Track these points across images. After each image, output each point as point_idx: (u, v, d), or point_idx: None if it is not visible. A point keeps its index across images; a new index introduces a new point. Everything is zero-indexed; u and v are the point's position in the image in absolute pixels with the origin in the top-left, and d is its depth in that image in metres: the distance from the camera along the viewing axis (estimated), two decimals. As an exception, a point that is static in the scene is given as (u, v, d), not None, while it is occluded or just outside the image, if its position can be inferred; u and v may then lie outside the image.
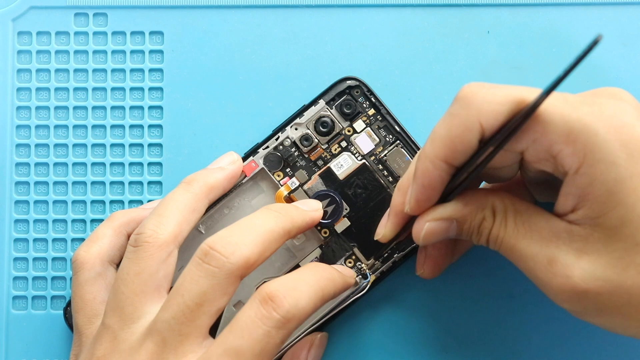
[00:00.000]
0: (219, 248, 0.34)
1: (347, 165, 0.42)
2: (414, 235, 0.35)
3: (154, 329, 0.34)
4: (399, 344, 0.42)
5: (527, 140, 0.32)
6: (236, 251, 0.34)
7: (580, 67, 0.42)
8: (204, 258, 0.34)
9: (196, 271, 0.33)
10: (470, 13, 0.43)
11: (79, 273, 0.39)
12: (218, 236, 0.34)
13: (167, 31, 0.44)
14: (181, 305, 0.33)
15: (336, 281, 0.36)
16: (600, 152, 0.30)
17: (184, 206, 0.38)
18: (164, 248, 0.36)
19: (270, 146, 0.42)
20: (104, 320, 0.35)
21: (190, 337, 0.33)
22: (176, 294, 0.34)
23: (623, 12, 0.43)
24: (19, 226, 0.44)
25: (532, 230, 0.33)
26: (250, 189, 0.42)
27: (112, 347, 0.34)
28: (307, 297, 0.34)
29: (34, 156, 0.44)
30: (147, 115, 0.44)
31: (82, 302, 0.38)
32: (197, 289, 0.33)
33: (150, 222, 0.37)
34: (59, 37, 0.44)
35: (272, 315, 0.32)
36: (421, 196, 0.34)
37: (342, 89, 0.42)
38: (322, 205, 0.40)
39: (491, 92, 0.32)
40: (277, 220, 0.36)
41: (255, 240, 0.34)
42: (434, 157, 0.33)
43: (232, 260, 0.33)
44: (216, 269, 0.33)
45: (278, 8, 0.44)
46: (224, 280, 0.33)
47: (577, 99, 0.32)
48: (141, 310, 0.35)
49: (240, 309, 0.41)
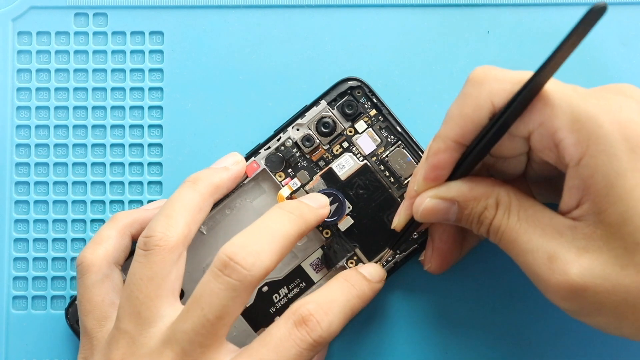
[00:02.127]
0: (239, 260, 0.33)
1: (349, 165, 0.42)
2: (414, 209, 0.36)
3: (173, 339, 0.33)
4: (399, 344, 0.42)
5: (533, 122, 0.32)
6: (256, 262, 0.33)
7: (580, 68, 0.42)
8: (224, 270, 0.33)
9: (216, 283, 0.33)
10: (470, 13, 0.43)
11: (86, 276, 0.38)
12: (237, 245, 0.34)
13: (167, 31, 0.44)
14: (202, 319, 0.33)
15: (365, 297, 0.37)
16: (603, 144, 0.31)
17: (191, 206, 0.37)
18: (175, 250, 0.36)
19: (272, 147, 0.42)
20: (119, 325, 0.35)
21: (211, 348, 0.33)
22: (196, 306, 0.33)
23: (623, 12, 0.43)
24: (19, 226, 0.43)
25: (534, 225, 0.33)
26: (251, 190, 0.42)
27: (131, 351, 0.34)
28: (338, 321, 0.35)
29: (34, 156, 0.44)
30: (147, 115, 0.44)
31: (91, 305, 0.38)
32: (217, 302, 0.33)
33: (158, 223, 0.36)
34: (59, 37, 0.44)
35: (306, 338, 0.34)
36: (430, 174, 0.35)
37: (344, 90, 0.42)
38: (328, 200, 0.41)
39: (503, 73, 0.33)
40: (293, 223, 0.36)
41: (273, 248, 0.34)
42: (445, 136, 0.34)
43: (253, 272, 0.33)
44: (237, 282, 0.33)
45: (278, 8, 0.44)
46: (244, 293, 0.33)
47: (586, 91, 0.32)
48: (157, 314, 0.35)
49: (242, 310, 0.41)
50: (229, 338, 0.41)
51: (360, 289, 0.37)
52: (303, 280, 0.42)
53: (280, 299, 0.42)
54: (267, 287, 0.42)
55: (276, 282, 0.42)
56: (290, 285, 0.42)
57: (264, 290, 0.42)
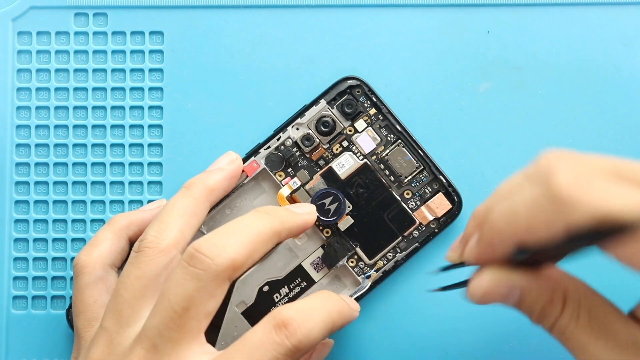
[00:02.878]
0: (204, 250, 0.33)
1: (349, 165, 0.42)
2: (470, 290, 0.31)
3: (143, 335, 0.33)
4: (399, 345, 0.42)
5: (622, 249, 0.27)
6: (221, 253, 0.33)
7: (580, 67, 0.42)
8: (190, 261, 0.33)
9: (182, 274, 0.33)
10: (470, 13, 0.43)
11: (80, 277, 0.39)
12: (204, 239, 0.34)
13: (167, 31, 0.44)
14: (168, 310, 0.32)
15: (345, 315, 0.36)
16: None
17: (184, 211, 0.37)
18: (166, 253, 0.36)
19: (272, 146, 0.42)
20: (102, 323, 0.35)
21: (182, 342, 0.33)
22: (163, 299, 0.33)
23: (623, 12, 0.43)
24: (19, 226, 0.43)
25: (607, 332, 0.29)
26: (251, 189, 0.42)
27: (108, 350, 0.34)
28: (318, 329, 0.33)
29: (34, 156, 0.44)
30: (147, 115, 0.44)
31: (83, 306, 0.38)
32: (182, 292, 0.33)
33: (152, 229, 0.37)
34: (59, 37, 0.44)
35: (284, 342, 0.32)
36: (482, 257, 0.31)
37: (343, 89, 0.42)
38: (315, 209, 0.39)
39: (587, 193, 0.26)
40: (265, 221, 0.35)
41: (242, 241, 0.34)
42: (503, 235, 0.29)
43: (217, 262, 0.33)
44: (201, 271, 0.33)
45: (278, 8, 0.44)
46: (210, 283, 0.33)
47: None
48: (139, 314, 0.35)
49: (243, 310, 0.41)
50: (229, 338, 0.41)
51: (340, 305, 0.36)
52: (304, 280, 0.42)
53: (281, 299, 0.42)
54: (268, 286, 0.42)
55: (277, 282, 0.42)
56: (291, 285, 0.42)
57: (265, 290, 0.42)
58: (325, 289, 0.42)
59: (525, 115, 0.43)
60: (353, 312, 0.37)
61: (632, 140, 0.42)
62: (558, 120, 0.43)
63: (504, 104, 0.43)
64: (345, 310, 0.36)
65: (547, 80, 0.43)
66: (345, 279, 0.42)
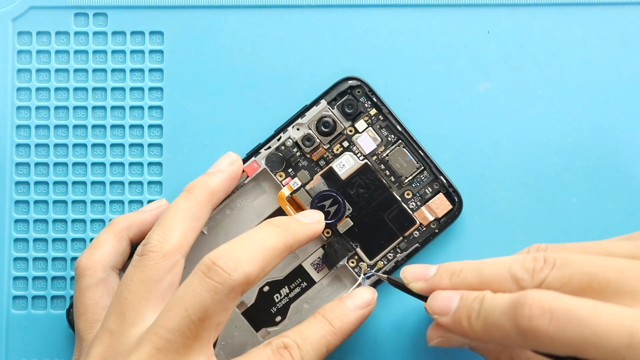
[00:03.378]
0: (221, 264, 0.34)
1: (349, 165, 0.42)
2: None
3: (153, 334, 0.33)
4: (399, 345, 0.42)
5: None
6: (238, 267, 0.34)
7: (580, 67, 0.42)
8: (207, 272, 0.34)
9: (199, 285, 0.33)
10: (470, 13, 0.43)
11: (81, 279, 0.39)
12: (221, 251, 0.34)
13: (167, 31, 0.44)
14: (185, 319, 0.33)
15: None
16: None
17: (186, 215, 0.38)
18: (170, 257, 0.36)
19: (272, 146, 0.42)
20: (104, 324, 0.35)
21: (193, 349, 0.33)
22: (179, 305, 0.33)
23: (623, 12, 0.43)
24: (19, 226, 0.43)
25: None
26: (252, 190, 0.42)
27: (111, 348, 0.35)
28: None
29: (34, 156, 0.44)
30: (147, 115, 0.44)
31: (84, 308, 0.38)
32: (200, 303, 0.33)
33: (155, 233, 0.37)
34: (59, 37, 0.44)
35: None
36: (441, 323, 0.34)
37: (344, 89, 0.42)
38: (323, 217, 0.40)
39: None
40: (279, 235, 0.36)
41: (257, 257, 0.35)
42: None
43: (234, 276, 0.33)
44: (219, 284, 0.33)
45: (278, 8, 0.44)
46: (225, 297, 0.33)
47: None
48: (142, 316, 0.35)
49: (243, 310, 0.42)
50: (228, 338, 0.41)
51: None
52: (304, 280, 0.42)
53: (282, 299, 0.42)
54: (268, 286, 0.42)
55: (277, 282, 0.42)
56: (291, 285, 0.42)
57: (265, 290, 0.42)
58: (325, 289, 0.42)
59: (525, 115, 0.43)
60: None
61: (632, 140, 0.42)
62: (558, 121, 0.43)
63: (504, 104, 0.43)
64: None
65: (547, 80, 0.43)
66: (346, 279, 0.42)
